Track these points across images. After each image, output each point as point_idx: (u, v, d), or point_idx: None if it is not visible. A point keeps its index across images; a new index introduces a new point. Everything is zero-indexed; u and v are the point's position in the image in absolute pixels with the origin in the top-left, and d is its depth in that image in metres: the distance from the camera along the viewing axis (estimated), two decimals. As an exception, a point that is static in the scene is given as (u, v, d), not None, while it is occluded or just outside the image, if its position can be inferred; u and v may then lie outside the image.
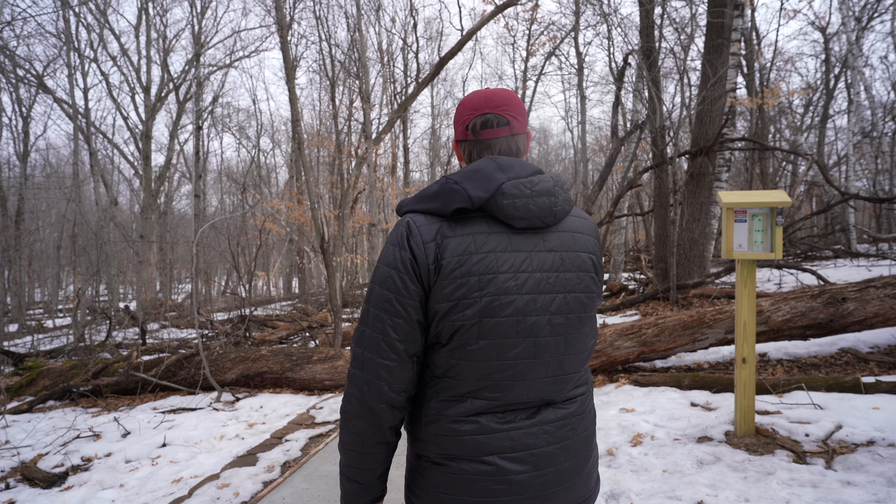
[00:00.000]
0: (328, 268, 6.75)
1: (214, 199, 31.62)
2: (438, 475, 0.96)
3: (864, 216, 19.80)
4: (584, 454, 1.01)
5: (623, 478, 2.69)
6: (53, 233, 26.77)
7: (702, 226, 7.69)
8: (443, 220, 0.93)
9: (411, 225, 0.94)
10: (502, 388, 0.94)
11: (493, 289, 0.90)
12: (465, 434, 0.93)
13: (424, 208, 0.95)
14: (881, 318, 3.99)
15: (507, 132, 1.02)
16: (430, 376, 0.98)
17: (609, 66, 14.08)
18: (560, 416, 0.98)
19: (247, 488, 2.97)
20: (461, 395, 0.95)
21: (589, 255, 1.01)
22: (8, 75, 15.86)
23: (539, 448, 0.95)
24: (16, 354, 7.60)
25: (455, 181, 0.94)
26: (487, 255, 0.91)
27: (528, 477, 0.94)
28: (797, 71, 18.71)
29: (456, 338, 0.92)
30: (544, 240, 0.96)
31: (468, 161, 1.05)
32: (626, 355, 4.54)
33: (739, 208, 2.89)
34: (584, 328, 1.01)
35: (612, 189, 22.20)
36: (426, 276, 0.91)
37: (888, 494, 2.28)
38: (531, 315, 0.93)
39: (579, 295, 0.98)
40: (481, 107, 1.02)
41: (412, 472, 1.03)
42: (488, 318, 0.91)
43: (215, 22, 26.29)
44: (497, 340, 0.92)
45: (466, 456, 0.94)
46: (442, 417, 0.95)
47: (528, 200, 0.93)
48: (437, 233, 0.92)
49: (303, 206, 14.85)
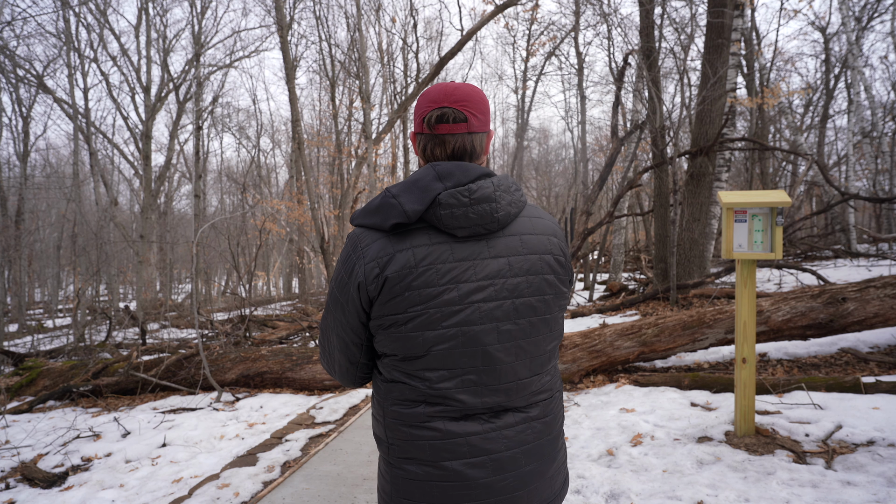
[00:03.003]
0: (328, 268, 6.75)
1: (214, 199, 31.64)
2: (400, 479, 0.97)
3: (864, 216, 19.79)
4: (547, 457, 1.00)
5: (623, 478, 2.69)
6: (53, 233, 26.77)
7: (702, 226, 7.69)
8: (385, 235, 0.93)
9: (357, 243, 0.95)
10: (452, 396, 0.93)
11: (435, 301, 0.90)
12: (423, 439, 0.94)
13: (368, 223, 0.95)
14: (881, 318, 3.99)
15: (463, 129, 0.97)
16: (385, 381, 1.00)
17: (609, 66, 14.08)
18: (520, 420, 0.97)
19: (247, 488, 2.97)
20: (413, 400, 0.95)
21: (542, 255, 0.98)
22: (8, 75, 15.86)
23: (498, 453, 0.94)
24: (16, 354, 7.61)
25: (392, 195, 0.93)
26: (428, 268, 0.90)
27: (487, 482, 0.93)
28: (797, 71, 18.72)
29: (400, 350, 0.93)
30: (489, 246, 0.94)
31: (422, 155, 1.01)
32: (626, 355, 4.54)
33: (739, 208, 2.89)
34: (539, 333, 0.98)
35: (612, 189, 22.20)
36: (365, 297, 0.93)
37: (888, 494, 2.28)
38: (476, 324, 0.92)
39: (529, 299, 0.96)
40: (440, 100, 0.97)
41: (380, 476, 1.04)
42: (430, 331, 0.91)
43: (215, 22, 26.30)
44: (441, 351, 0.91)
45: (425, 460, 0.94)
46: (399, 422, 0.96)
47: (466, 209, 0.91)
48: (379, 250, 0.92)
49: (303, 206, 14.85)
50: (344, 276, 0.95)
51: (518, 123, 22.53)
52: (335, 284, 0.98)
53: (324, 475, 3.05)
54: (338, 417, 4.26)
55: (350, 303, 0.95)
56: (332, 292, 0.99)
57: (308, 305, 15.27)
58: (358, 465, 3.19)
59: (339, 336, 1.00)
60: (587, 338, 4.66)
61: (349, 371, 1.04)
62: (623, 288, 10.17)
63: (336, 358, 1.04)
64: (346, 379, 1.06)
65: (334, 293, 0.98)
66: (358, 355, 1.01)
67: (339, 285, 0.97)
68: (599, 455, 3.04)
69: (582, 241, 9.63)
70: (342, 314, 0.98)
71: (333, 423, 4.12)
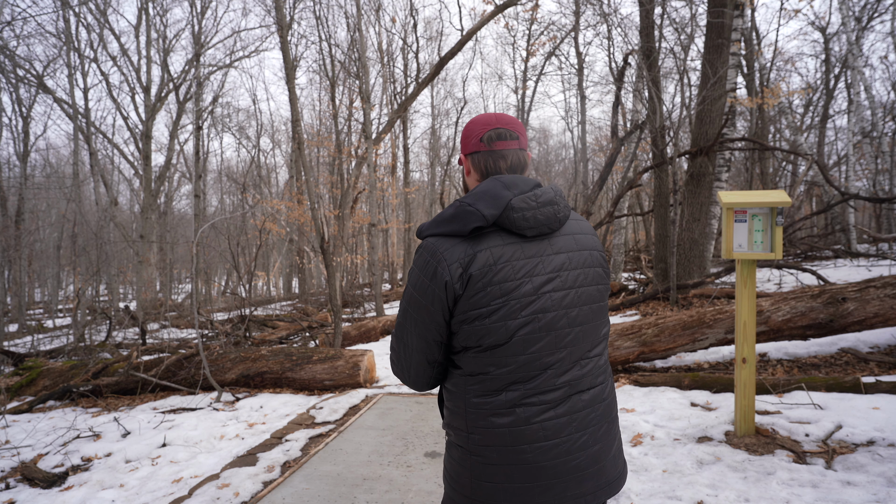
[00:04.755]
0: (328, 268, 6.75)
1: (214, 199, 31.63)
2: (480, 465, 1.05)
3: (864, 216, 19.79)
4: (609, 438, 1.11)
5: (623, 478, 2.69)
6: (53, 233, 26.77)
7: (702, 226, 7.68)
8: (463, 240, 1.04)
9: (435, 250, 1.05)
10: (531, 379, 1.04)
11: (514, 293, 1.02)
12: (503, 426, 1.03)
13: (444, 231, 1.06)
14: (881, 318, 3.99)
15: (516, 145, 1.13)
16: (464, 375, 1.09)
17: (609, 66, 14.08)
18: (586, 404, 1.08)
19: (247, 488, 2.97)
20: (495, 389, 1.05)
21: (591, 251, 1.13)
22: (8, 75, 15.85)
23: (569, 435, 1.05)
24: (16, 354, 7.61)
25: (469, 203, 1.04)
26: (505, 265, 1.03)
27: (560, 462, 1.04)
28: (797, 71, 18.71)
29: (484, 341, 1.03)
30: (551, 244, 1.08)
31: (479, 171, 1.14)
32: (627, 355, 4.54)
33: (739, 208, 2.89)
34: (597, 318, 1.12)
35: (612, 189, 22.20)
36: (452, 295, 1.04)
37: (888, 494, 2.28)
38: (549, 311, 1.04)
39: (587, 288, 1.10)
40: (493, 122, 1.13)
41: (455, 465, 1.11)
42: (512, 320, 1.02)
43: (215, 22, 26.29)
44: (521, 338, 1.03)
45: (505, 445, 1.03)
46: (480, 412, 1.05)
47: (535, 211, 1.05)
48: (461, 252, 1.03)
49: (303, 206, 14.85)
50: (425, 280, 1.05)
51: (518, 123, 22.48)
52: (415, 290, 1.07)
53: (324, 475, 3.05)
54: (338, 417, 4.25)
55: (435, 303, 1.05)
56: (411, 297, 1.09)
57: (308, 305, 15.27)
58: (358, 465, 3.19)
59: (421, 336, 1.09)
60: (587, 338, 4.66)
61: (426, 372, 1.13)
62: (623, 288, 10.17)
63: (414, 360, 1.12)
64: (420, 380, 1.15)
65: (415, 297, 1.08)
66: (437, 354, 1.11)
67: (419, 289, 1.06)
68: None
69: (582, 241, 9.62)
70: (426, 315, 1.07)
71: (333, 423, 4.12)
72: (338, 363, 5.24)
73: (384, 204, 22.59)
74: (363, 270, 24.62)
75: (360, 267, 22.43)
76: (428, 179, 25.25)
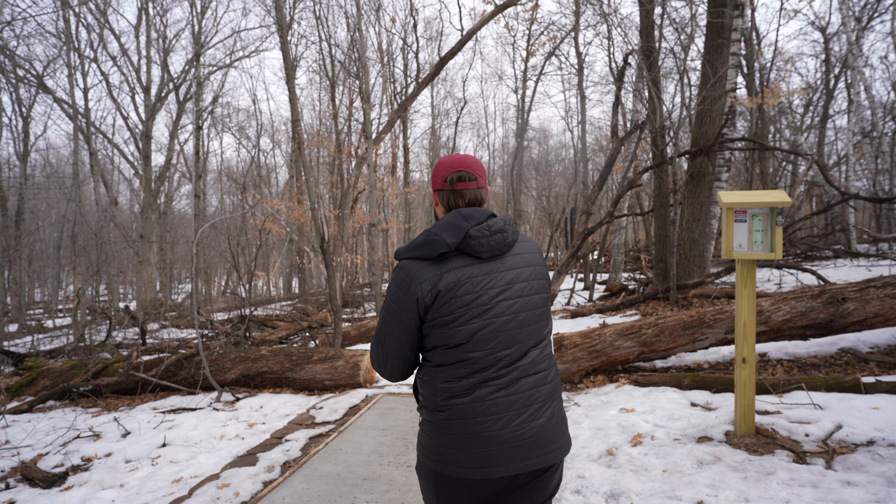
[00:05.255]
0: (328, 268, 6.75)
1: (214, 199, 31.63)
2: (447, 436, 1.30)
3: (863, 216, 19.79)
4: (551, 414, 1.35)
5: (623, 478, 2.69)
6: (53, 233, 26.77)
7: (702, 226, 7.68)
8: (431, 262, 1.29)
9: (409, 271, 1.29)
10: (486, 368, 1.30)
11: (474, 303, 1.28)
12: (465, 404, 1.29)
13: (416, 255, 1.30)
14: (881, 318, 3.99)
15: (474, 185, 1.39)
16: (433, 367, 1.34)
17: (609, 66, 14.08)
18: (531, 385, 1.33)
19: (247, 488, 2.97)
20: (458, 377, 1.31)
21: (535, 267, 1.39)
22: (8, 75, 15.85)
23: (516, 410, 1.29)
24: (16, 354, 7.61)
25: (435, 233, 1.30)
26: (466, 282, 1.28)
27: (508, 431, 1.28)
28: (797, 71, 18.71)
29: (450, 340, 1.28)
30: (503, 263, 1.33)
31: (444, 204, 1.41)
32: (626, 355, 4.54)
33: (739, 208, 2.89)
34: (540, 321, 1.38)
35: (612, 189, 22.20)
36: (422, 306, 1.28)
37: (888, 494, 2.28)
38: (501, 316, 1.30)
39: (532, 297, 1.36)
40: (456, 165, 1.38)
41: (426, 437, 1.36)
42: (472, 324, 1.28)
43: (215, 22, 26.28)
44: (479, 337, 1.28)
45: (465, 419, 1.28)
46: (446, 394, 1.31)
47: (488, 238, 1.30)
48: (430, 273, 1.27)
49: (303, 206, 14.84)
50: (401, 295, 1.30)
51: (518, 123, 22.53)
52: (392, 302, 1.32)
53: (324, 475, 3.05)
54: (338, 417, 4.26)
55: (409, 312, 1.30)
56: (389, 309, 1.33)
57: (308, 305, 15.27)
58: (358, 464, 3.19)
59: (397, 339, 1.34)
60: (587, 338, 4.66)
61: (400, 367, 1.39)
62: (623, 288, 10.17)
63: (390, 359, 1.38)
64: (395, 374, 1.42)
65: (392, 308, 1.32)
66: (409, 353, 1.37)
67: (396, 302, 1.31)
68: (599, 455, 3.04)
69: (582, 241, 9.62)
70: (400, 322, 1.32)
71: (333, 423, 4.12)
72: (338, 363, 5.24)
73: (384, 204, 22.60)
74: (363, 270, 24.62)
75: (360, 267, 22.43)
76: (428, 179, 25.25)
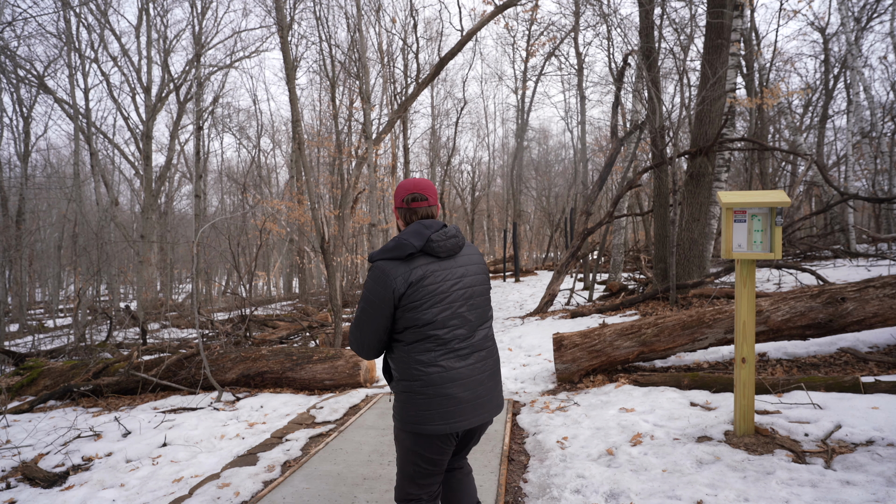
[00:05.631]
0: (328, 268, 6.76)
1: (215, 199, 31.63)
2: (420, 400, 1.68)
3: (863, 216, 19.80)
4: (494, 382, 1.81)
5: (623, 477, 2.70)
6: (54, 233, 26.77)
7: (701, 226, 7.69)
8: (402, 261, 1.67)
9: (385, 269, 1.66)
10: (447, 343, 1.70)
11: (435, 291, 1.68)
12: (433, 373, 1.68)
13: (389, 256, 1.67)
14: (880, 317, 3.99)
15: (426, 204, 1.78)
16: (406, 344, 1.71)
17: (609, 67, 14.09)
18: (481, 359, 1.77)
19: (247, 488, 2.98)
20: (426, 350, 1.69)
21: (478, 265, 1.82)
22: (9, 75, 15.86)
23: (472, 378, 1.73)
24: (17, 354, 7.61)
25: (405, 238, 1.67)
26: (430, 275, 1.67)
27: (468, 394, 1.71)
28: (796, 71, 18.71)
29: (418, 321, 1.66)
30: (455, 261, 1.75)
31: (403, 219, 1.79)
32: (626, 355, 4.55)
33: (739, 208, 2.90)
34: (486, 305, 1.82)
35: (611, 189, 22.20)
36: (397, 296, 1.65)
37: (887, 494, 2.29)
38: (455, 302, 1.71)
39: (478, 287, 1.79)
40: (412, 189, 1.77)
41: (403, 406, 1.72)
42: (434, 308, 1.67)
43: (216, 22, 26.25)
44: (440, 319, 1.68)
45: (435, 385, 1.67)
46: (418, 366, 1.69)
47: (445, 242, 1.71)
48: (402, 270, 1.65)
49: (303, 207, 14.85)
50: (379, 289, 1.65)
51: (518, 124, 22.53)
52: (371, 294, 1.67)
53: (324, 475, 3.06)
54: (338, 417, 4.26)
55: (385, 302, 1.65)
56: (368, 300, 1.68)
57: (308, 305, 15.27)
58: (358, 464, 3.19)
59: (373, 324, 1.69)
60: (587, 337, 4.67)
61: (375, 347, 1.74)
62: (623, 288, 10.17)
63: (367, 340, 1.73)
64: (370, 353, 1.76)
65: (370, 299, 1.67)
66: (383, 335, 1.72)
67: (375, 295, 1.66)
68: (599, 455, 3.05)
69: (581, 241, 9.63)
70: (377, 311, 1.67)
71: (333, 423, 4.13)
72: (338, 363, 5.24)
73: (384, 204, 22.61)
74: (363, 270, 24.63)
75: (360, 267, 22.42)
76: (428, 179, 25.22)
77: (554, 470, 2.92)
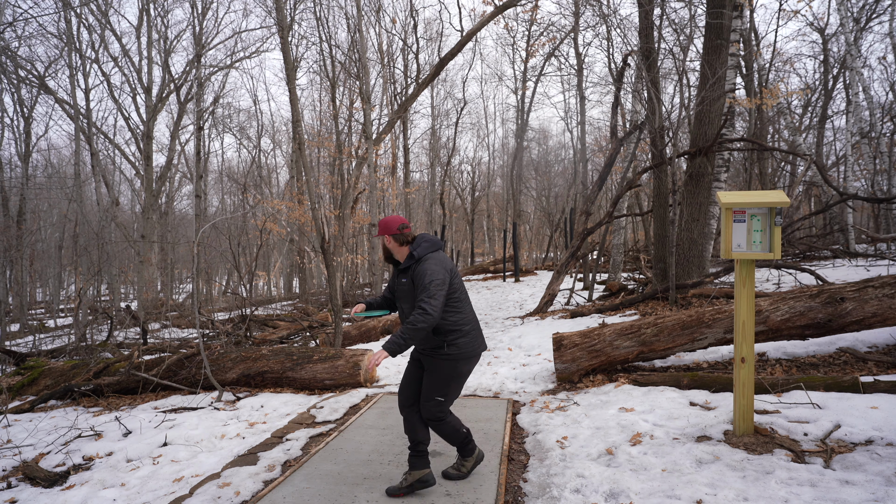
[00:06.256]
0: (329, 268, 6.77)
1: (215, 199, 31.63)
2: (472, 336, 2.66)
3: (862, 216, 19.80)
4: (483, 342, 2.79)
5: (622, 477, 2.71)
6: (55, 233, 26.79)
7: (701, 226, 7.70)
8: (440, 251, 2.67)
9: (442, 257, 2.63)
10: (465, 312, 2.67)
11: (455, 278, 2.63)
12: (472, 325, 2.69)
13: (434, 249, 2.62)
14: (879, 317, 4.00)
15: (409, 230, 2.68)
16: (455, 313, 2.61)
17: (608, 67, 14.10)
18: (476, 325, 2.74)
19: (248, 487, 2.99)
20: (467, 313, 2.68)
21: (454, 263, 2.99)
22: (10, 76, 15.88)
23: (480, 333, 2.74)
24: (17, 354, 7.62)
25: (432, 240, 2.65)
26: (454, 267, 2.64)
27: (480, 342, 2.71)
28: (796, 72, 18.72)
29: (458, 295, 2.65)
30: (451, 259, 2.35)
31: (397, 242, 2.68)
32: (626, 355, 4.56)
33: (738, 208, 2.91)
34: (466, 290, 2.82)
35: (611, 189, 22.21)
36: (452, 275, 2.59)
37: (887, 493, 2.30)
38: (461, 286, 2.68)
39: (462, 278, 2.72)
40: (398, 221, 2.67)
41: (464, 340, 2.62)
42: (461, 288, 2.68)
43: (216, 23, 26.25)
44: (464, 295, 2.70)
45: (475, 326, 2.71)
46: (457, 335, 2.61)
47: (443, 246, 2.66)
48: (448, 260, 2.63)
49: (303, 207, 14.86)
50: (443, 271, 2.54)
51: (518, 124, 22.54)
52: (443, 274, 2.52)
53: (324, 474, 3.07)
54: (338, 417, 4.27)
55: (447, 280, 2.53)
56: (441, 279, 2.50)
57: (308, 305, 15.27)
58: (358, 464, 3.20)
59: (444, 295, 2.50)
60: (586, 337, 4.68)
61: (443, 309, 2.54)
62: (622, 288, 10.17)
63: (440, 304, 2.45)
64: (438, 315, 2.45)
65: (444, 277, 2.51)
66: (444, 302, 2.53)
67: (445, 273, 2.54)
68: (599, 454, 3.06)
69: (581, 241, 9.64)
70: (447, 286, 2.53)
71: (334, 423, 4.14)
72: (338, 363, 5.25)
73: (384, 204, 22.61)
74: (363, 270, 24.63)
75: (360, 267, 22.44)
76: (428, 180, 25.26)
77: (554, 469, 2.93)
